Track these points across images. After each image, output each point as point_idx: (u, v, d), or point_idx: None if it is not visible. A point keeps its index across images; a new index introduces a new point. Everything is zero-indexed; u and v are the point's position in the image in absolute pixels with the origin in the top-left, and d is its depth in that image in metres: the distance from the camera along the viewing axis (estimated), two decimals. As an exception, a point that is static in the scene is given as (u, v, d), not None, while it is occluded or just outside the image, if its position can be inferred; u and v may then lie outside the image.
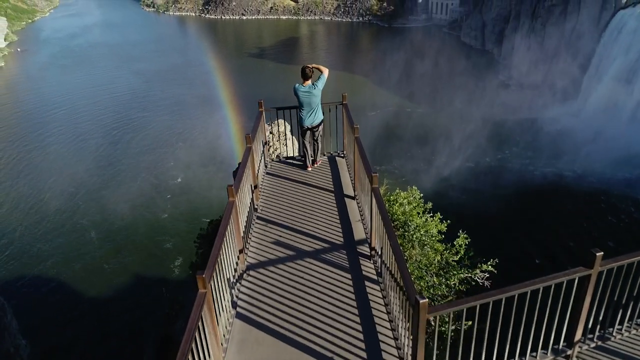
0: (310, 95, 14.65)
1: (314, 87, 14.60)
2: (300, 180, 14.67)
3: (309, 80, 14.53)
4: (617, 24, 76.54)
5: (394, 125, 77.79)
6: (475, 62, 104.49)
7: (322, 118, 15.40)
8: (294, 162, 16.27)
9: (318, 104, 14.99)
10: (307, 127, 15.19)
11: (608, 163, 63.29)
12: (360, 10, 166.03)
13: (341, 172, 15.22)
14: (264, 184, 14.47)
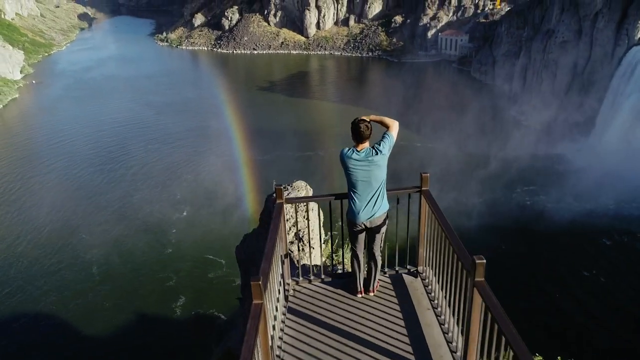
0: (369, 167, 8.92)
1: (376, 152, 8.88)
2: (344, 317, 8.82)
3: (366, 141, 8.95)
4: (630, 60, 75.81)
5: (403, 160, 76.48)
6: (486, 98, 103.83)
7: (387, 209, 9.43)
8: (333, 283, 9.91)
9: (382, 183, 9.19)
10: (362, 225, 9.28)
11: (622, 200, 61.53)
12: (369, 45, 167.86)
13: (417, 306, 9.12)
14: (282, 328, 8.52)
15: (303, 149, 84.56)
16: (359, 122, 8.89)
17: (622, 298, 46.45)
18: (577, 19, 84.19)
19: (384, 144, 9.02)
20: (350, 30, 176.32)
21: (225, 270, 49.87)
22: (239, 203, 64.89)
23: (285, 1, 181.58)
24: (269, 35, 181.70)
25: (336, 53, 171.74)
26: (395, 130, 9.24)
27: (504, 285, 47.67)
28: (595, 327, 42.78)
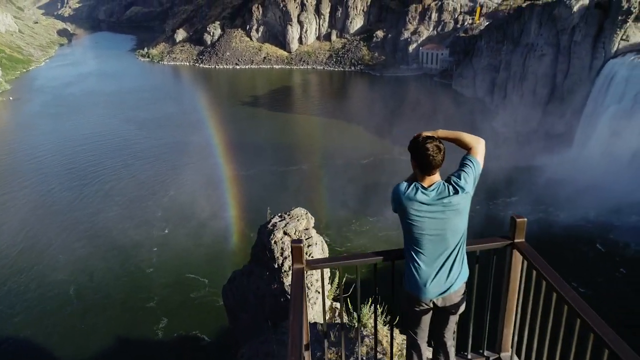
0: (444, 214, 6.06)
1: (456, 190, 6.09)
2: None
3: (437, 172, 6.14)
4: (608, 72, 77.25)
5: (388, 173, 76.34)
6: (468, 110, 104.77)
7: (466, 277, 6.69)
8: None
9: (462, 238, 6.39)
10: (430, 303, 6.44)
11: (603, 211, 62.00)
12: (352, 60, 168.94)
13: None
14: None
15: (287, 163, 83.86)
16: (425, 141, 5.91)
17: (603, 307, 46.32)
18: (554, 33, 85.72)
19: (465, 175, 6.05)
20: (333, 44, 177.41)
21: (208, 289, 48.54)
22: (222, 220, 63.70)
23: (267, 16, 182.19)
24: (251, 50, 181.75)
25: (319, 67, 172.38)
26: (481, 152, 6.41)
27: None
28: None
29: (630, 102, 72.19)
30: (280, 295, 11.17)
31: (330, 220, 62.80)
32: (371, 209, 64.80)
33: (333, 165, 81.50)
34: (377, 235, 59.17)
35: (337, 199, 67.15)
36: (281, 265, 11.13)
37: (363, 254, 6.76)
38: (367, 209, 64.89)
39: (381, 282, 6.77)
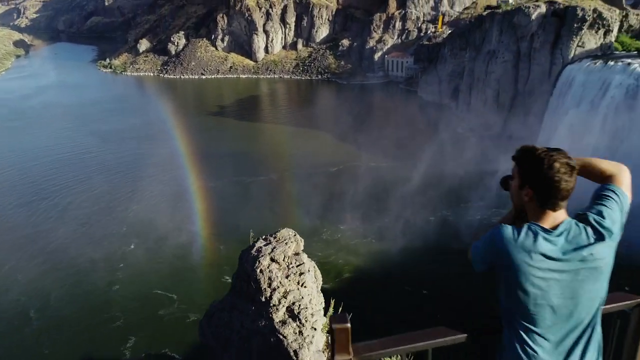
0: (578, 273, 4.18)
1: (600, 234, 4.35)
2: None
3: (564, 204, 4.64)
4: (566, 78, 79.84)
5: (358, 181, 76.47)
6: (434, 116, 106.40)
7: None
8: None
9: (599, 308, 4.37)
10: None
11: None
12: (318, 68, 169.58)
13: None
14: None
15: (255, 173, 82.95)
16: (550, 156, 4.30)
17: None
18: (515, 40, 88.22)
19: (610, 212, 4.38)
20: (299, 53, 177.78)
21: (178, 306, 47.13)
22: (190, 233, 62.24)
23: (232, 26, 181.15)
24: (217, 60, 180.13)
25: (285, 76, 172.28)
26: (627, 182, 4.63)
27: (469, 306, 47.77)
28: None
29: (587, 106, 74.72)
30: (270, 335, 9.12)
31: (301, 230, 61.74)
32: (342, 218, 64.65)
33: (302, 174, 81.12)
34: (348, 244, 58.97)
35: (306, 209, 66.70)
36: (269, 298, 9.41)
37: (435, 332, 4.74)
38: (338, 218, 64.70)
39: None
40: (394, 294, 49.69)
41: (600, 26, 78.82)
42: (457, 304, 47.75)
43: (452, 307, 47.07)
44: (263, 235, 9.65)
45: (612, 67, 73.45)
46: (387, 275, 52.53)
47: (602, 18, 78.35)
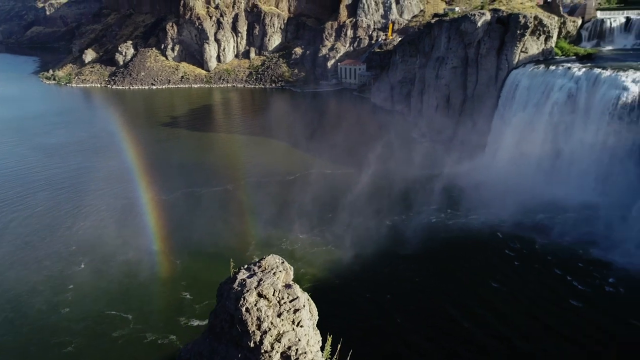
0: None
1: None
2: None
3: None
4: (511, 82, 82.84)
5: (314, 189, 76.25)
6: (388, 122, 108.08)
7: None
8: None
9: None
10: None
11: (515, 212, 65.71)
12: (272, 77, 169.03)
13: None
14: None
15: (211, 184, 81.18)
16: None
17: (529, 304, 48.80)
18: (462, 47, 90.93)
19: None
20: (252, 62, 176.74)
21: (133, 326, 45.05)
22: (144, 249, 59.90)
23: (182, 35, 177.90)
24: (167, 69, 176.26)
25: (239, 85, 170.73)
26: None
27: (422, 306, 48.24)
28: (511, 335, 44.27)
29: (532, 108, 77.77)
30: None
31: (260, 241, 61.29)
32: (301, 226, 64.10)
33: (258, 184, 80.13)
34: (308, 253, 58.45)
35: (264, 219, 65.74)
36: (259, 342, 7.81)
37: None
38: (296, 226, 64.12)
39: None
40: (355, 301, 49.58)
41: (541, 32, 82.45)
42: (414, 308, 48.19)
43: (409, 311, 47.51)
44: (245, 264, 8.20)
45: (553, 71, 76.89)
46: (347, 282, 52.39)
47: (543, 25, 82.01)
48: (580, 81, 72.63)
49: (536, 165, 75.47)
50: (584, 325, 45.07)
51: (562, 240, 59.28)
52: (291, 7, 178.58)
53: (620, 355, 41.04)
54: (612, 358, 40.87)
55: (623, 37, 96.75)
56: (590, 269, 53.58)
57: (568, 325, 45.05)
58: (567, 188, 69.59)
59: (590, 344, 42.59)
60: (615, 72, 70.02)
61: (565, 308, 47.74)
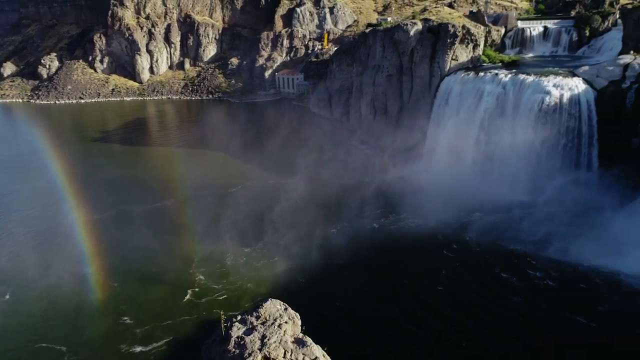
0: None
1: None
2: None
3: None
4: (444, 89, 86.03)
5: (258, 200, 75.08)
6: (327, 131, 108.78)
7: None
8: None
9: None
10: None
11: (453, 212, 67.98)
12: (209, 87, 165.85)
13: None
14: None
15: (149, 200, 77.75)
16: None
17: (469, 303, 50.29)
18: (397, 55, 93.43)
19: None
20: (187, 73, 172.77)
21: (68, 358, 41.81)
22: (78, 274, 56.07)
23: (112, 46, 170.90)
24: (97, 82, 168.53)
25: (174, 97, 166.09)
26: None
27: (367, 313, 48.43)
28: (454, 336, 45.33)
29: (465, 113, 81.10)
30: None
31: (203, 257, 59.22)
32: (245, 240, 62.72)
33: (199, 198, 77.74)
34: (254, 266, 57.15)
35: (207, 234, 63.66)
36: None
37: None
38: (241, 239, 62.66)
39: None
40: (302, 312, 48.88)
41: (469, 41, 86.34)
42: (359, 315, 48.37)
43: (354, 319, 47.68)
44: (237, 314, 5.79)
45: (482, 77, 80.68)
46: (294, 294, 51.64)
47: (471, 34, 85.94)
48: (507, 86, 76.68)
49: (471, 167, 78.57)
50: (522, 321, 46.92)
51: (497, 238, 61.77)
52: (225, 17, 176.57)
53: (557, 348, 43.01)
54: (550, 351, 42.70)
55: (542, 45, 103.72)
56: (525, 266, 56.10)
57: (507, 323, 46.73)
58: (501, 188, 72.89)
59: (531, 339, 44.35)
60: (538, 77, 74.53)
61: (504, 305, 49.55)
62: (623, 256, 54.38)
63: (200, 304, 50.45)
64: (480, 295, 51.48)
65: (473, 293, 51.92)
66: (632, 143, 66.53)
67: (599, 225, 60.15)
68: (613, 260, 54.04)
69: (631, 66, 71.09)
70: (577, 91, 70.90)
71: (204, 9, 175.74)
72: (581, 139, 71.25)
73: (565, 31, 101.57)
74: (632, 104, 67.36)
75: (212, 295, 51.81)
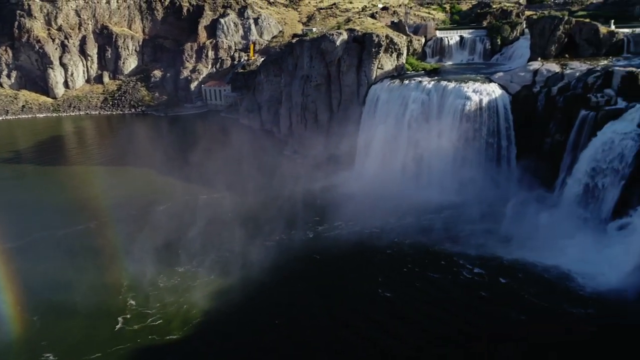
0: None
1: None
2: None
3: None
4: (372, 97, 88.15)
5: (190, 217, 72.31)
6: (258, 142, 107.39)
7: None
8: None
9: None
10: None
11: (387, 218, 69.46)
12: (131, 101, 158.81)
13: None
14: None
15: (70, 223, 72.39)
16: None
17: (402, 306, 51.32)
18: (324, 65, 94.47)
19: None
20: (106, 87, 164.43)
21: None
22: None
23: (20, 60, 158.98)
24: (4, 98, 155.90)
25: (93, 112, 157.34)
26: None
27: (305, 326, 47.92)
28: (390, 342, 45.90)
29: (393, 120, 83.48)
30: None
31: (133, 282, 55.79)
32: (178, 259, 60.02)
33: (125, 218, 73.53)
34: (189, 286, 54.68)
35: (136, 256, 60.06)
36: None
37: None
38: (174, 259, 59.90)
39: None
40: (246, 330, 47.51)
41: (393, 50, 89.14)
42: (297, 329, 47.86)
43: (294, 334, 47.13)
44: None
45: (407, 85, 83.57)
46: (234, 312, 50.09)
47: (394, 43, 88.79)
48: (431, 93, 79.93)
49: (402, 172, 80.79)
50: (454, 320, 48.46)
51: (428, 240, 63.79)
52: (146, 28, 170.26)
53: (489, 344, 44.70)
54: (482, 348, 44.22)
55: (459, 53, 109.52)
56: (453, 265, 58.24)
57: (441, 324, 47.95)
58: (431, 190, 75.63)
59: (464, 338, 45.88)
60: (458, 84, 78.37)
61: (438, 307, 50.96)
62: (539, 249, 58.18)
63: (134, 331, 47.38)
64: (415, 298, 52.67)
65: (407, 296, 52.97)
66: (545, 143, 71.58)
67: (518, 221, 63.98)
68: (531, 254, 57.57)
69: (540, 72, 76.66)
70: (494, 96, 75.27)
71: (122, 19, 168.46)
72: (500, 141, 75.68)
73: (479, 40, 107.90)
74: (543, 107, 72.53)
75: (146, 321, 48.83)
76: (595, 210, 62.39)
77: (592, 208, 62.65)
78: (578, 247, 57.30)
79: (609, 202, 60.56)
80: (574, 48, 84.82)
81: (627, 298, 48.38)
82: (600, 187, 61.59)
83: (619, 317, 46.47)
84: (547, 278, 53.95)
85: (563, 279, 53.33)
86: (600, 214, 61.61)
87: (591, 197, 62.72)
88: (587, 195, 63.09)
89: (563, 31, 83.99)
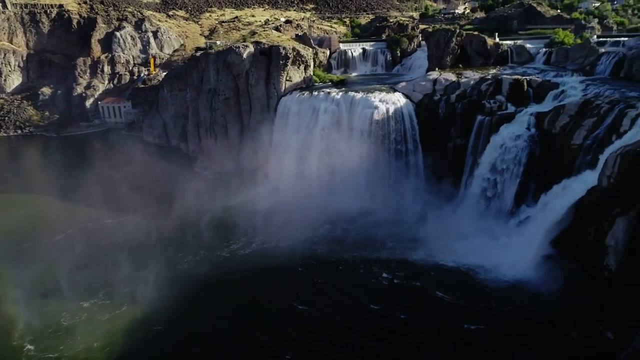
0: None
1: None
2: None
3: None
4: (283, 109, 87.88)
5: (93, 245, 66.67)
6: (166, 160, 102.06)
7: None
8: None
9: None
10: None
11: (305, 229, 69.21)
12: (16, 122, 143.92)
13: None
14: None
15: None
16: None
17: (333, 313, 51.22)
18: (232, 78, 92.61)
19: None
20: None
21: None
22: None
23: None
24: None
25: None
26: None
27: (234, 344, 45.94)
28: (325, 350, 45.39)
29: (305, 131, 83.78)
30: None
31: (30, 323, 49.69)
32: (83, 292, 54.69)
33: (18, 251, 65.85)
34: (99, 321, 49.90)
35: (33, 294, 53.88)
36: None
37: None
38: (78, 293, 54.48)
39: None
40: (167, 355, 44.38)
41: (300, 62, 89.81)
42: (227, 348, 45.81)
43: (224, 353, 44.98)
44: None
45: (317, 96, 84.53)
46: (153, 342, 46.58)
47: (301, 55, 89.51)
48: (340, 104, 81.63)
49: (317, 182, 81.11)
50: (384, 323, 49.25)
51: (343, 249, 64.58)
52: (30, 42, 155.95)
53: (420, 348, 45.77)
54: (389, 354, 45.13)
55: (363, 64, 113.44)
56: (369, 272, 59.29)
57: (349, 332, 48.50)
58: (346, 199, 76.71)
59: (393, 341, 46.59)
60: (365, 94, 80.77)
61: (367, 311, 51.61)
62: (445, 249, 61.35)
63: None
64: (345, 304, 52.92)
65: (335, 303, 53.09)
66: (447, 147, 75.96)
67: (427, 222, 67.14)
68: (439, 253, 60.58)
69: (438, 81, 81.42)
70: (399, 104, 78.53)
71: (2, 33, 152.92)
72: (407, 146, 78.96)
73: (380, 52, 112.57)
74: (444, 113, 77.02)
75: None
76: (495, 207, 67.34)
77: (494, 205, 67.55)
78: (482, 244, 61.34)
79: (508, 199, 65.64)
80: (466, 59, 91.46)
81: (530, 289, 52.05)
82: (500, 185, 66.62)
83: (522, 309, 49.56)
84: (455, 275, 56.53)
85: (469, 275, 56.21)
86: (500, 210, 66.55)
87: (492, 195, 67.61)
88: (488, 193, 67.97)
89: (456, 43, 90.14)
